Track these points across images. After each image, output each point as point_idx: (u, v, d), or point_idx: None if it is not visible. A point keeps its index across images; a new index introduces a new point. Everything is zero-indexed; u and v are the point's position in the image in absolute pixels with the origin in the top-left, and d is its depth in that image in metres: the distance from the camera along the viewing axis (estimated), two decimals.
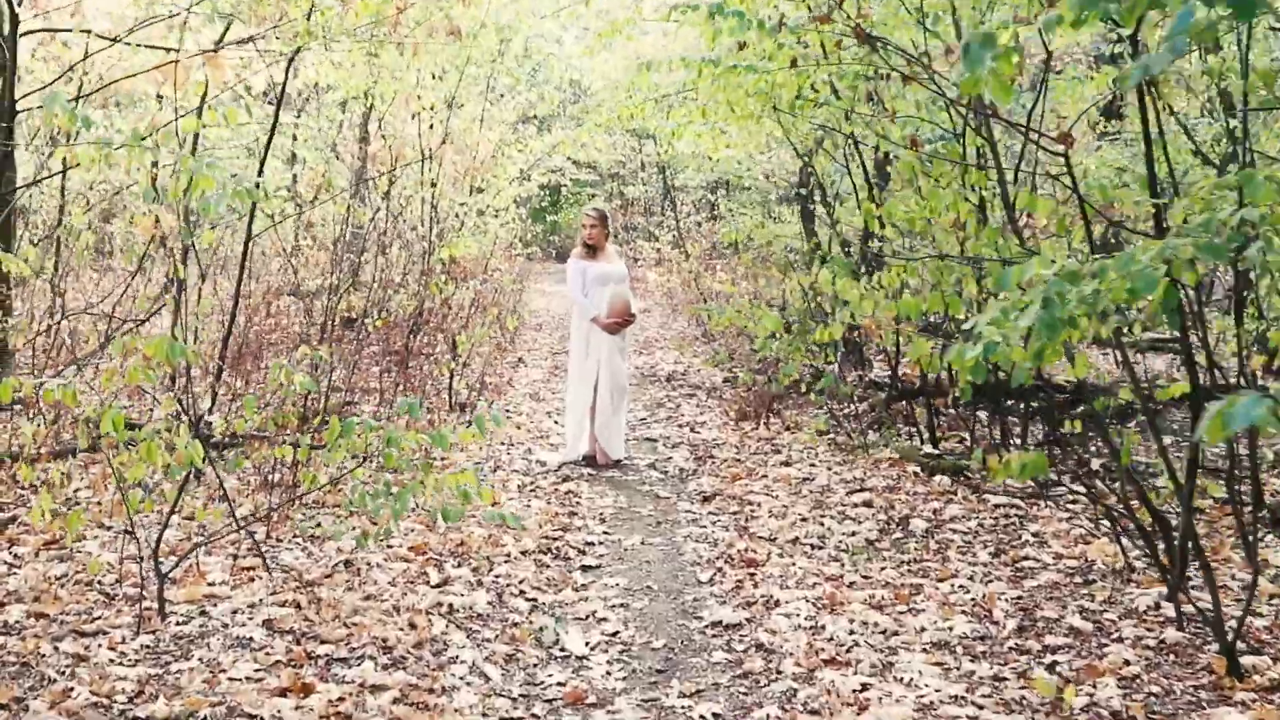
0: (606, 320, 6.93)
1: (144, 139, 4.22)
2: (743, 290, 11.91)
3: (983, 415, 8.39)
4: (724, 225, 11.80)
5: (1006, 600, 4.45)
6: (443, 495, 3.76)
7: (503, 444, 7.48)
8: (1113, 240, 7.70)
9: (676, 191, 18.74)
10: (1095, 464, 6.74)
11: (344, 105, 13.99)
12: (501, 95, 14.92)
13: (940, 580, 4.76)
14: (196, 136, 7.22)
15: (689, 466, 6.98)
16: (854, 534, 5.43)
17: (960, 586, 4.64)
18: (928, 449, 7.01)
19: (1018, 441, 6.91)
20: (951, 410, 7.67)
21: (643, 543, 5.38)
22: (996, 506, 5.90)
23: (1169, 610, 4.24)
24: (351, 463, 4.17)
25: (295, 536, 5.11)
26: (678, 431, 8.10)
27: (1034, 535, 5.38)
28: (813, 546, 5.25)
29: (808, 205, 11.65)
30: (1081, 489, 6.23)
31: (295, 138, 13.58)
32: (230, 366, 6.41)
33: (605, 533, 5.53)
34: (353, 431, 3.79)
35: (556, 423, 8.28)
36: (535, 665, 3.85)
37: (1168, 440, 5.80)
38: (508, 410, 8.70)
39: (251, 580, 4.49)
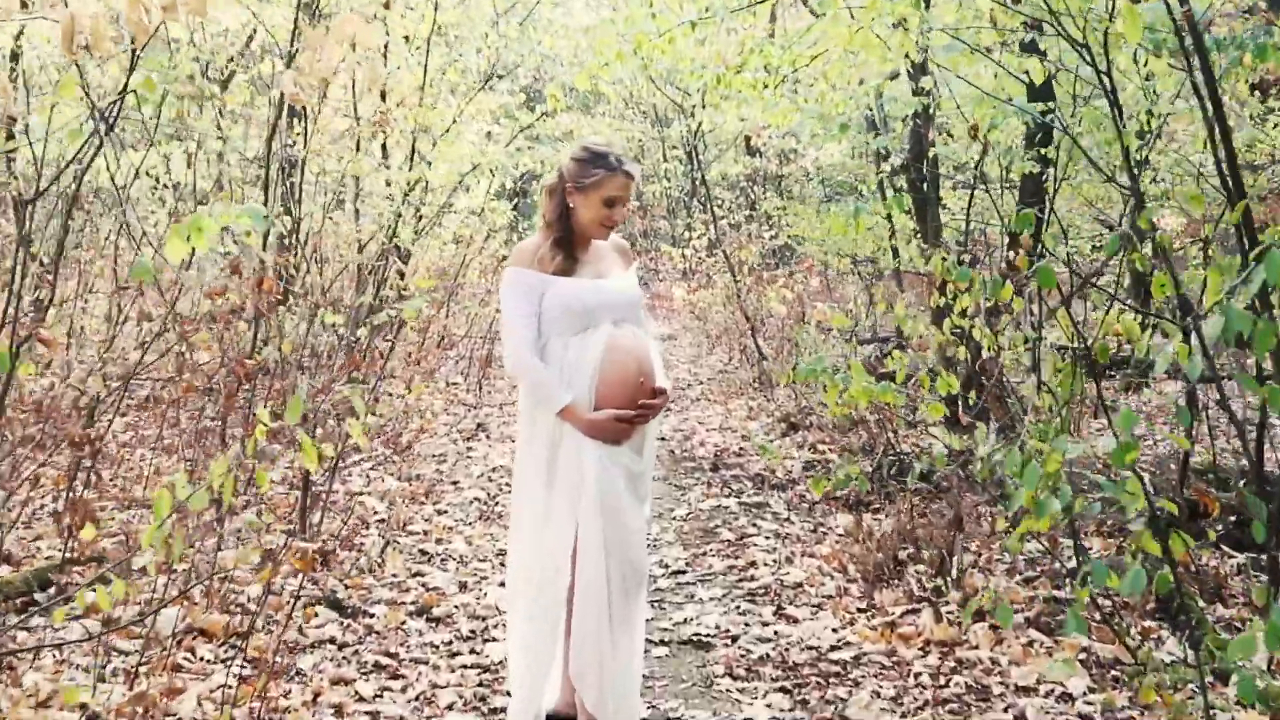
0: (596, 417, 2.93)
1: None
2: (819, 313, 7.91)
3: None
4: (792, 215, 7.76)
5: None
6: None
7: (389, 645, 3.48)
8: None
9: (712, 185, 14.72)
10: None
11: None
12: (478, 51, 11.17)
13: None
14: None
15: None
16: None
17: None
18: None
19: None
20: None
21: None
22: None
23: None
24: None
25: None
26: (752, 614, 4.02)
27: None
28: None
29: (922, 184, 7.65)
30: None
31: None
32: None
33: None
34: None
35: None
36: None
37: None
38: (423, 551, 4.69)
39: None
